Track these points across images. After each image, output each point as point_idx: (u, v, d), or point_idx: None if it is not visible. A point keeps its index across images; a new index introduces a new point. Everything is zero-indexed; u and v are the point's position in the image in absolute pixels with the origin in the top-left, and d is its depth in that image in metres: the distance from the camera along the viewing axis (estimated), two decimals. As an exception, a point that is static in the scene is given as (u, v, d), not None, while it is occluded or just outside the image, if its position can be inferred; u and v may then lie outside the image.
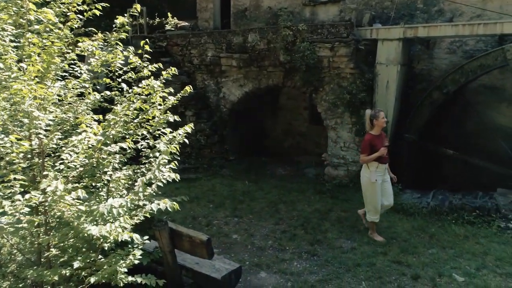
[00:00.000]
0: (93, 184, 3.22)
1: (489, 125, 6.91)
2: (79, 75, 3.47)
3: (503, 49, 6.17)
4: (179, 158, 3.32)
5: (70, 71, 3.38)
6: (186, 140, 3.40)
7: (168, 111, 3.49)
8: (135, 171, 3.44)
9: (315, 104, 8.00)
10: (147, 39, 3.65)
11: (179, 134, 3.35)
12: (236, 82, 8.59)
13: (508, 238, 5.49)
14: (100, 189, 3.42)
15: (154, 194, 3.16)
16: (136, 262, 2.85)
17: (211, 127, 8.82)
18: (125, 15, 3.66)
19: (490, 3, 7.04)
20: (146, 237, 3.21)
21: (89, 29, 3.34)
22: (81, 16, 3.12)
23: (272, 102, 9.95)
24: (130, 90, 3.26)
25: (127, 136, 3.33)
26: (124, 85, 3.54)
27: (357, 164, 7.53)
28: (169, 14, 10.71)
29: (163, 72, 3.56)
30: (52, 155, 3.19)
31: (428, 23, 7.38)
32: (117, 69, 3.51)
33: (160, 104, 3.44)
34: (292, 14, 9.00)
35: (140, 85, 3.17)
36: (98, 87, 3.61)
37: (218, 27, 10.49)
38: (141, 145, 3.44)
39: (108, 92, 3.50)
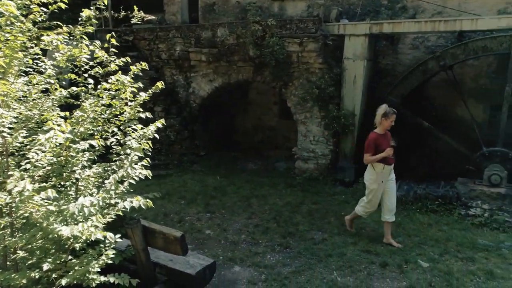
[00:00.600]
0: (61, 183, 3.12)
1: (450, 117, 7.26)
2: (43, 70, 3.34)
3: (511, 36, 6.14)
4: (150, 155, 3.28)
5: (34, 67, 3.25)
6: (157, 136, 3.36)
7: (138, 107, 3.44)
8: (105, 168, 3.37)
9: (284, 98, 8.09)
10: (113, 33, 3.55)
11: (150, 130, 3.30)
12: (206, 77, 8.53)
13: (468, 224, 5.81)
14: (68, 188, 3.32)
15: (125, 191, 3.12)
16: (109, 261, 2.80)
17: (181, 122, 8.73)
18: (91, 8, 3.55)
19: (450, 1, 7.37)
20: (118, 235, 3.16)
21: (55, 22, 3.21)
22: (45, 9, 3.00)
23: (242, 97, 9.96)
24: (98, 86, 3.16)
25: (95, 133, 3.24)
26: (91, 81, 3.45)
27: (327, 157, 7.71)
28: (135, 7, 10.44)
29: (132, 67, 3.48)
30: (16, 153, 3.07)
31: (393, 19, 7.63)
32: (83, 64, 3.41)
33: (130, 100, 3.38)
34: (261, 9, 9.03)
35: (109, 80, 3.08)
36: (64, 82, 3.49)
37: (186, 21, 10.34)
38: (111, 142, 3.37)
39: (75, 88, 3.39)
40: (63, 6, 3.02)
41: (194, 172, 8.17)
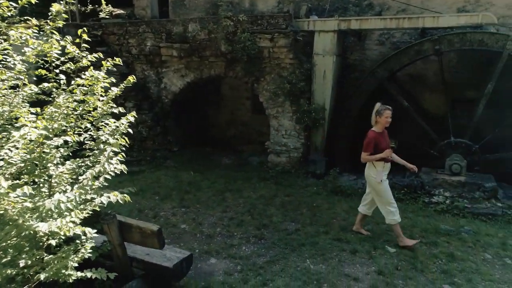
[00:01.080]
0: (34, 180, 3.10)
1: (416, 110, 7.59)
2: (12, 66, 3.28)
3: (509, 36, 6.24)
4: (124, 149, 3.31)
5: (3, 62, 3.19)
6: (130, 130, 3.39)
7: (110, 102, 3.45)
8: (79, 164, 3.36)
9: (257, 93, 8.20)
10: (84, 28, 3.52)
11: (122, 124, 3.33)
12: (177, 72, 8.50)
13: (431, 211, 6.15)
14: (41, 186, 3.29)
15: (101, 187, 3.14)
16: (89, 255, 2.83)
17: (153, 118, 8.66)
18: (61, 2, 3.51)
19: (413, -1, 7.69)
20: (94, 231, 3.17)
21: (24, 18, 3.17)
22: (14, 4, 2.95)
23: (214, 93, 9.98)
24: (72, 82, 3.15)
25: (68, 129, 3.23)
26: (62, 76, 3.42)
27: (298, 151, 7.90)
28: (103, 1, 10.21)
29: (105, 62, 3.48)
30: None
31: (360, 16, 7.88)
32: (53, 60, 3.38)
33: (102, 95, 3.38)
34: (232, 4, 9.06)
35: (83, 76, 3.08)
36: (34, 78, 3.45)
37: (156, 16, 10.22)
38: (85, 137, 3.37)
39: (46, 84, 3.36)
40: (33, 1, 2.99)
41: (168, 168, 8.16)
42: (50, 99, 3.35)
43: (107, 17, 9.98)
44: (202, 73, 8.32)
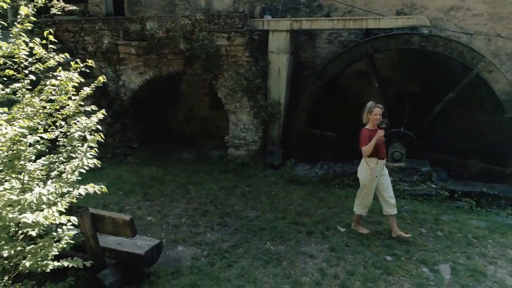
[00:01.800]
0: (12, 176, 3.26)
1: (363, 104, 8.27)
2: (-19, 67, 3.40)
3: (484, 58, 6.89)
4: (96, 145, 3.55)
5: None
6: (100, 127, 3.64)
7: (81, 102, 3.67)
8: (53, 160, 3.56)
9: (215, 90, 8.51)
10: (50, 30, 3.67)
11: (92, 121, 3.57)
12: (136, 69, 8.61)
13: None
14: (15, 181, 3.45)
15: (75, 181, 3.37)
16: (68, 244, 3.06)
17: (112, 115, 8.70)
18: (29, 6, 3.66)
19: (358, 1, 8.34)
20: (70, 223, 3.40)
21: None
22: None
23: (173, 89, 10.16)
24: (48, 82, 3.35)
25: (39, 127, 3.41)
26: (32, 77, 3.58)
27: (256, 144, 8.34)
28: (54, -3, 9.99)
29: (73, 63, 3.69)
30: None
31: (311, 16, 8.43)
32: (22, 61, 3.53)
33: (74, 94, 3.60)
34: (188, 2, 9.28)
35: (58, 77, 3.29)
36: (5, 79, 3.57)
37: (111, 13, 10.17)
38: (57, 135, 3.56)
39: (17, 84, 3.51)
40: (5, 6, 3.14)
41: (129, 164, 8.28)
42: (17, 98, 3.51)
43: (59, 13, 9.79)
44: (161, 71, 8.50)
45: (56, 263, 3.16)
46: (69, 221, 2.84)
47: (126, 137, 8.94)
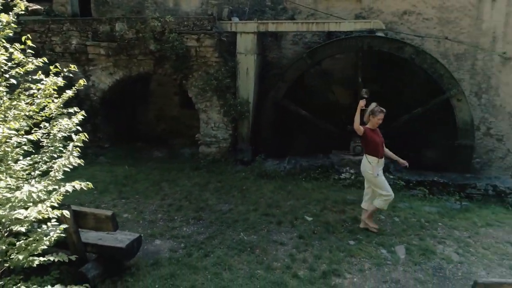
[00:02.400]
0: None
1: (324, 102, 8.80)
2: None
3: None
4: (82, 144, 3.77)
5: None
6: (79, 128, 3.86)
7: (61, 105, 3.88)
8: (37, 160, 3.74)
9: (186, 89, 8.75)
10: (28, 35, 3.84)
11: (73, 122, 3.80)
12: (106, 70, 8.68)
13: (340, 186, 7.36)
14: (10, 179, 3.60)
15: (59, 179, 3.59)
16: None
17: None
18: (10, 13, 3.81)
19: (320, 5, 8.83)
20: (54, 219, 3.60)
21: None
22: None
23: (143, 89, 10.27)
24: (34, 86, 3.53)
25: (24, 128, 3.59)
26: (13, 81, 3.74)
27: (227, 141, 8.67)
28: (17, -4, 9.81)
29: (52, 67, 3.87)
30: None
31: (276, 18, 8.84)
32: (2, 65, 3.69)
33: (56, 97, 3.79)
34: (156, 3, 9.42)
35: (43, 81, 3.48)
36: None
37: (77, 13, 10.12)
38: (41, 136, 3.75)
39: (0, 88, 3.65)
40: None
41: (101, 164, 8.37)
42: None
43: (23, 12, 9.65)
44: (131, 71, 8.62)
45: (42, 258, 3.36)
46: (52, 218, 3.05)
47: (97, 137, 8.99)
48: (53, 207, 3.05)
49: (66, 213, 3.14)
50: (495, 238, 5.65)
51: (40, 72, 3.83)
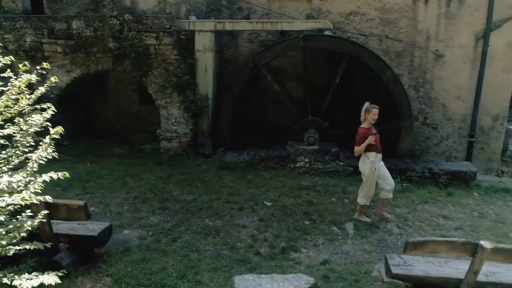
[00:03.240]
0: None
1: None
2: None
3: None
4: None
5: None
6: (49, 123, 4.10)
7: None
8: (10, 154, 3.93)
9: (145, 86, 8.93)
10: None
11: (44, 117, 4.03)
12: (63, 68, 8.66)
13: (296, 174, 7.94)
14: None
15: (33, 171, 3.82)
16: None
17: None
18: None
19: (273, 4, 9.34)
20: (28, 210, 3.81)
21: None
22: None
23: (101, 86, 10.29)
24: (9, 85, 3.71)
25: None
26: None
27: (188, 136, 8.98)
28: (-39, -9, 9.47)
29: (21, 66, 4.06)
30: None
31: (232, 17, 9.24)
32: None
33: (28, 94, 4.00)
34: (113, 1, 9.46)
35: (19, 79, 3.68)
36: None
37: (28, 9, 9.89)
38: (14, 131, 3.94)
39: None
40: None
41: (62, 162, 8.31)
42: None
43: (-31, 8, 9.36)
44: (89, 69, 8.67)
45: (17, 247, 3.58)
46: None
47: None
48: (36, 193, 3.30)
49: (49, 198, 3.38)
50: (430, 212, 6.48)
51: (9, 70, 4.01)
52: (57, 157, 3.87)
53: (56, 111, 4.21)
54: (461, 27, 8.88)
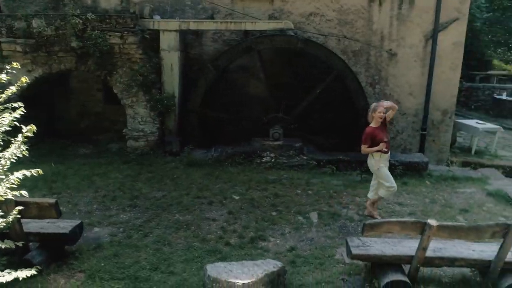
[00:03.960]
0: None
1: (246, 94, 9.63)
2: None
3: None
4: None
5: None
6: (17, 123, 4.14)
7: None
8: (-20, 154, 3.94)
9: (110, 85, 8.90)
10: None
11: (13, 116, 4.08)
12: (23, 67, 8.42)
13: (262, 169, 8.24)
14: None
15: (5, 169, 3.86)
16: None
17: None
18: None
19: (236, 5, 9.58)
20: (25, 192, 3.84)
21: None
22: None
23: (64, 86, 10.10)
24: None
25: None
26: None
27: (155, 134, 9.05)
28: None
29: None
30: None
31: (196, 18, 9.39)
32: None
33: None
34: (74, 0, 9.35)
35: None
36: None
37: (-18, 7, 9.57)
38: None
39: None
40: None
41: (25, 163, 8.00)
42: None
43: None
44: (51, 68, 8.52)
45: (-14, 246, 3.62)
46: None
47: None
48: (12, 189, 3.36)
49: (25, 193, 3.46)
50: (387, 200, 6.95)
51: (-27, 70, 4.01)
52: (21, 156, 3.89)
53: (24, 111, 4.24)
54: (412, 28, 9.54)
